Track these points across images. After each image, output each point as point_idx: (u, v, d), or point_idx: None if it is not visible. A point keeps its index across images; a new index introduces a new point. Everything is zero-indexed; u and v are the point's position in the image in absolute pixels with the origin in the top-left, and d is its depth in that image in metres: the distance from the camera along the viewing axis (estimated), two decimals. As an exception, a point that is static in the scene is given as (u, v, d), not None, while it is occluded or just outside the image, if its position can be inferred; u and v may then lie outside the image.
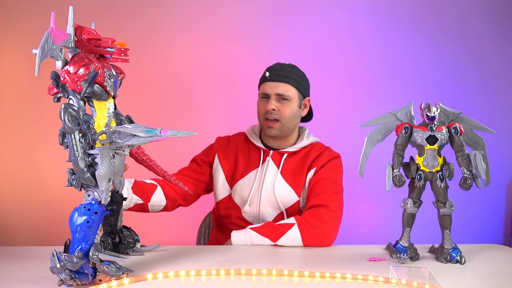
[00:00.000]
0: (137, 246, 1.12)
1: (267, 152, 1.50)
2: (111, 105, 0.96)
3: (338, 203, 1.38)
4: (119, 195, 1.07)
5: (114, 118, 0.97)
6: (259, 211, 1.45)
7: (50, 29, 0.82)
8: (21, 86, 2.26)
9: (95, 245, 0.90)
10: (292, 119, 1.46)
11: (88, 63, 0.88)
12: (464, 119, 1.18)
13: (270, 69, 1.48)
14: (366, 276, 1.00)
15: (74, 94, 0.88)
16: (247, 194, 1.46)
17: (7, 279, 0.98)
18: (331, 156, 1.48)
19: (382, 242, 1.29)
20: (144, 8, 2.31)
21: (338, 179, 1.47)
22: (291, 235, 1.27)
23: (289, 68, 1.48)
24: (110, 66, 0.96)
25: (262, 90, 1.47)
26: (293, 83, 1.45)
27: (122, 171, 1.02)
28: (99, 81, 0.90)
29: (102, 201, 0.91)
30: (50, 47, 0.82)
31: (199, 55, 2.32)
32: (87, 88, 0.88)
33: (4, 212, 2.33)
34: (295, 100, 1.46)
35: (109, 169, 0.91)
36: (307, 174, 1.46)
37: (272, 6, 2.34)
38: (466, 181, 1.12)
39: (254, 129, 1.58)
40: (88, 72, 0.87)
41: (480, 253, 1.22)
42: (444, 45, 2.38)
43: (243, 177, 1.49)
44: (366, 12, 2.37)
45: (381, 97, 2.35)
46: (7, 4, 2.25)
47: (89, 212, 0.90)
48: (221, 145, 1.56)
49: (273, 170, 1.47)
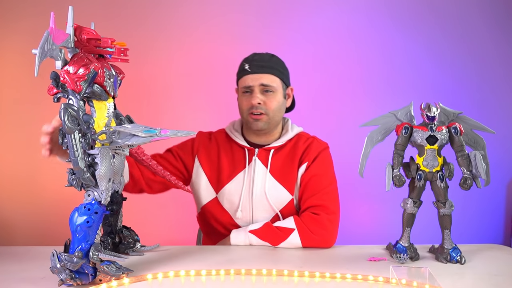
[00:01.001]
0: (137, 246, 1.12)
1: (252, 150, 1.42)
2: (111, 105, 0.96)
3: (335, 202, 1.37)
4: (119, 195, 1.07)
5: (114, 118, 0.97)
6: (252, 216, 1.40)
7: (50, 29, 0.83)
8: (21, 86, 2.26)
9: (95, 245, 0.90)
10: (279, 111, 1.40)
11: (88, 63, 0.88)
12: (464, 119, 1.18)
13: (248, 60, 1.40)
14: (366, 276, 1.00)
15: (74, 94, 0.88)
16: (237, 200, 1.40)
17: (7, 279, 0.98)
18: (320, 147, 1.43)
19: (382, 242, 1.29)
20: (144, 8, 2.31)
21: (331, 173, 1.43)
22: (291, 241, 1.26)
23: (268, 57, 1.40)
24: (110, 66, 0.96)
25: (243, 83, 1.38)
26: (275, 73, 1.37)
27: (122, 171, 1.02)
28: (98, 81, 0.90)
29: (102, 201, 0.91)
30: (50, 47, 0.82)
31: (198, 55, 2.32)
32: (87, 88, 0.88)
33: (4, 212, 2.33)
34: (279, 90, 1.39)
35: (109, 169, 0.91)
36: (298, 170, 1.41)
37: (272, 6, 2.34)
38: (466, 181, 1.12)
39: (234, 126, 1.50)
40: (87, 72, 0.87)
41: (480, 253, 1.22)
42: (444, 45, 2.38)
43: (230, 180, 1.41)
44: (366, 13, 2.37)
45: (381, 97, 2.35)
46: (7, 5, 2.25)
47: (89, 212, 0.90)
48: (202, 143, 1.48)
49: (261, 171, 1.40)
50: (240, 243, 1.30)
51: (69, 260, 0.87)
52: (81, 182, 0.90)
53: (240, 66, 1.43)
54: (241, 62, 1.43)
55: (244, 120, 1.44)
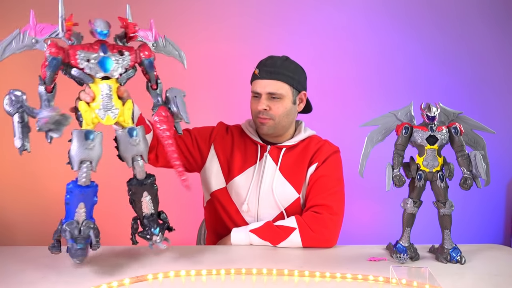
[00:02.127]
0: (154, 239, 1.08)
1: (264, 147, 1.45)
2: (103, 86, 0.97)
3: (339, 203, 1.37)
4: (136, 183, 1.04)
5: (121, 99, 1.00)
6: (258, 211, 1.42)
7: (27, 26, 0.92)
8: (21, 85, 2.25)
9: (67, 223, 0.94)
10: (286, 116, 1.41)
11: (56, 50, 0.91)
12: (464, 119, 1.18)
13: (260, 65, 1.40)
14: (366, 276, 1.00)
15: (40, 80, 0.94)
16: (244, 193, 1.42)
17: (7, 279, 0.98)
18: (331, 150, 1.45)
19: (382, 242, 1.29)
20: (144, 9, 2.31)
21: (340, 176, 1.44)
22: (292, 240, 1.26)
23: (281, 62, 1.39)
24: (96, 48, 0.96)
25: (253, 88, 1.41)
26: (284, 79, 1.37)
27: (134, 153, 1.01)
28: (74, 64, 0.94)
29: (78, 182, 0.95)
30: (27, 43, 0.92)
31: (198, 56, 2.32)
32: (51, 73, 0.93)
33: (4, 212, 2.33)
34: (288, 97, 1.39)
35: (80, 150, 0.94)
36: (307, 170, 1.42)
37: (272, 6, 2.34)
38: (466, 181, 1.12)
39: (250, 123, 1.52)
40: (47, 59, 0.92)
41: (480, 253, 1.22)
42: (444, 44, 2.39)
43: (241, 173, 1.44)
44: (366, 13, 2.37)
45: (381, 97, 2.35)
46: (7, 5, 2.25)
47: (67, 192, 0.96)
48: (220, 133, 1.50)
49: (271, 167, 1.43)
50: (241, 242, 1.30)
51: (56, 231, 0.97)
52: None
53: (254, 69, 1.43)
54: (257, 65, 1.43)
55: (254, 122, 1.47)
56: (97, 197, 1.00)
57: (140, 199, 1.06)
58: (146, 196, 1.06)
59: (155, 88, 1.07)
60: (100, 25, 0.95)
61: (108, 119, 0.99)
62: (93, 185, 0.98)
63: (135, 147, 1.01)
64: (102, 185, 1.01)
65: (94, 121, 0.98)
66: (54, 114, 0.89)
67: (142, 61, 1.03)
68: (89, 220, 0.99)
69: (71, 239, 0.95)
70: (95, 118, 0.98)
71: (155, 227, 1.06)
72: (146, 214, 1.07)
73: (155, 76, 1.06)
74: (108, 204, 1.13)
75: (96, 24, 0.95)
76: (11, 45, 0.92)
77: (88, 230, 0.98)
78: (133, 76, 1.03)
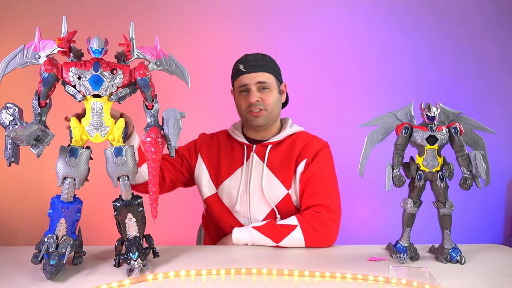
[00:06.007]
0: (132, 265, 1.02)
1: (250, 147, 1.46)
2: (95, 103, 0.98)
3: (336, 201, 1.37)
4: (121, 204, 1.02)
5: (112, 117, 1.01)
6: (249, 210, 1.42)
7: (31, 43, 0.96)
8: (21, 86, 2.25)
9: (47, 236, 0.97)
10: (276, 106, 1.45)
11: (50, 66, 0.94)
12: (464, 119, 1.18)
13: (242, 61, 1.45)
14: (366, 276, 1.00)
15: (35, 95, 0.96)
16: (235, 194, 1.43)
17: (7, 279, 0.98)
18: (320, 145, 1.45)
19: (382, 242, 1.29)
20: (144, 9, 2.31)
21: (332, 172, 1.44)
22: (293, 237, 1.26)
23: (260, 56, 1.46)
24: (89, 65, 0.97)
25: (240, 83, 1.44)
26: (269, 70, 1.43)
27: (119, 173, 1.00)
28: (66, 81, 0.97)
29: (61, 197, 0.98)
30: (29, 59, 0.96)
31: (198, 56, 2.32)
32: (46, 89, 0.95)
33: (5, 212, 2.34)
34: (274, 87, 1.44)
35: (63, 167, 0.96)
36: (296, 166, 1.42)
37: (272, 7, 2.34)
38: (466, 181, 1.12)
39: (235, 126, 1.56)
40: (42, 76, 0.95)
41: (480, 253, 1.22)
42: (445, 45, 2.39)
43: (229, 176, 1.46)
44: (366, 12, 2.37)
45: (381, 97, 2.35)
46: (7, 5, 2.25)
47: (50, 205, 0.99)
48: (204, 142, 1.54)
49: (259, 165, 1.44)
50: (243, 238, 1.30)
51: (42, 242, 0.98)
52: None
53: (234, 67, 1.47)
54: (235, 63, 1.48)
55: (244, 118, 1.48)
56: (80, 214, 1.01)
57: (125, 220, 1.03)
58: (131, 219, 1.03)
59: (151, 108, 1.05)
60: (94, 43, 0.96)
61: (97, 137, 0.99)
62: (76, 202, 0.99)
63: (120, 167, 0.99)
64: (103, 185, 1.01)
65: (83, 138, 0.99)
66: (36, 128, 0.90)
67: (136, 80, 1.00)
68: (69, 236, 0.99)
69: (46, 253, 0.96)
70: (84, 135, 0.99)
71: (134, 251, 1.02)
72: (129, 236, 1.04)
73: (151, 95, 1.04)
74: (109, 204, 1.13)
75: (91, 42, 0.96)
76: (15, 60, 0.96)
77: (66, 246, 0.97)
78: (127, 94, 1.01)
